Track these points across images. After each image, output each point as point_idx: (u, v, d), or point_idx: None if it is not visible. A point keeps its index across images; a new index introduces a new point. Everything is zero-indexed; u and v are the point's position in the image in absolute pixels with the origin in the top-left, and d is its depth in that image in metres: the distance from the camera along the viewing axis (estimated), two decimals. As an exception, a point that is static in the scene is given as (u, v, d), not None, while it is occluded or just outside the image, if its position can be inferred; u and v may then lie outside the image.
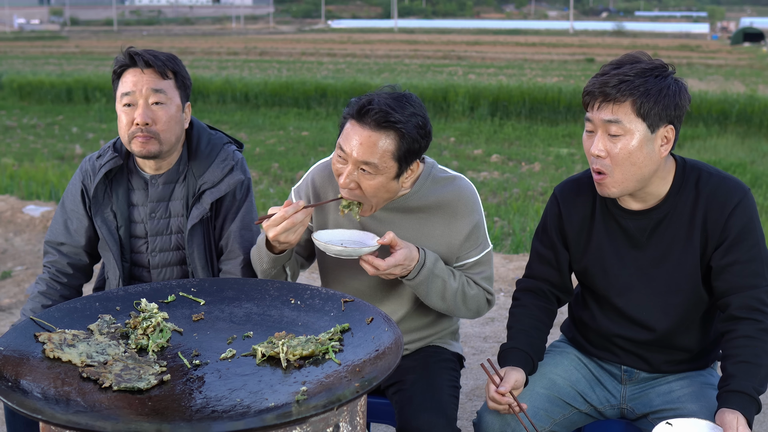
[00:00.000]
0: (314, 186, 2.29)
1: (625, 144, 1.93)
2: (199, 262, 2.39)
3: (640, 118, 1.92)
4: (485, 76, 21.88)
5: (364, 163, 2.03)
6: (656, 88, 1.91)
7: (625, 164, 1.95)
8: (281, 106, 16.54)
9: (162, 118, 2.27)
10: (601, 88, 1.93)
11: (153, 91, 2.26)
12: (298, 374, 1.67)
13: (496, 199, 8.24)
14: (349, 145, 2.04)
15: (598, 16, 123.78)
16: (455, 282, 2.19)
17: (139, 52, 2.29)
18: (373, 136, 2.02)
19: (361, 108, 2.04)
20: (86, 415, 1.48)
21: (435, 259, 2.15)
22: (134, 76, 2.28)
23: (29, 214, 6.61)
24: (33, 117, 15.26)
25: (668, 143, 1.97)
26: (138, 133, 2.26)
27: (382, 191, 2.09)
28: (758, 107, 13.47)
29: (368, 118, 2.02)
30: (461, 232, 2.21)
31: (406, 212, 2.21)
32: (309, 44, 44.06)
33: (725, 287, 1.99)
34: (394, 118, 2.01)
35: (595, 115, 1.95)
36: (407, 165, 2.09)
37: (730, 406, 1.85)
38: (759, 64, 29.09)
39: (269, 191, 8.57)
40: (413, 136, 2.04)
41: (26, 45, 44.01)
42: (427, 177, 2.22)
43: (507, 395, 1.99)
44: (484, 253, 2.27)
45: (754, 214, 2.01)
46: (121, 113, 2.29)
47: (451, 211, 2.21)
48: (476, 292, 2.25)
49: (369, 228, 2.20)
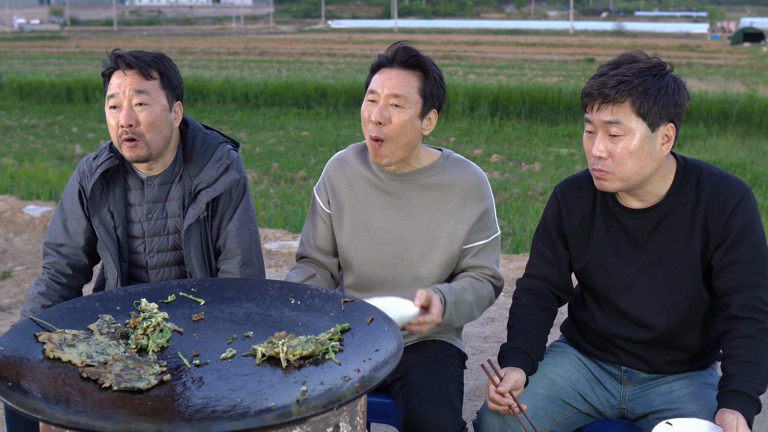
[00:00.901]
0: (329, 179, 2.41)
1: (626, 144, 1.93)
2: (196, 262, 2.39)
3: (640, 117, 1.92)
4: (485, 76, 21.89)
5: (395, 96, 2.19)
6: (655, 87, 1.91)
7: (627, 164, 1.95)
8: (281, 106, 16.55)
9: (146, 119, 2.27)
10: (600, 90, 1.93)
11: (136, 93, 2.26)
12: (298, 374, 1.67)
13: (496, 199, 8.21)
14: (380, 85, 2.21)
15: (598, 16, 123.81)
16: (470, 295, 2.25)
17: (122, 53, 2.29)
18: (402, 73, 2.21)
19: (390, 55, 2.23)
20: (86, 415, 1.48)
21: (448, 288, 2.20)
22: (118, 78, 2.28)
23: (29, 214, 6.61)
24: (33, 117, 15.27)
25: (669, 141, 1.97)
26: (124, 135, 2.26)
27: (408, 128, 2.21)
28: (758, 107, 13.48)
29: (396, 61, 2.22)
30: (473, 214, 2.30)
31: (425, 188, 2.31)
32: (309, 44, 44.08)
33: (726, 286, 1.99)
34: (421, 57, 2.22)
35: (595, 117, 1.96)
36: (431, 106, 2.26)
37: (730, 406, 1.85)
38: (759, 64, 29.11)
39: (269, 191, 8.57)
40: (436, 79, 2.24)
41: (26, 45, 44.05)
42: (447, 158, 2.36)
43: (507, 396, 1.99)
44: (492, 237, 2.34)
45: (755, 214, 2.01)
46: (108, 116, 2.30)
47: (466, 192, 2.31)
48: (487, 291, 2.31)
49: (390, 197, 2.31)
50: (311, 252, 2.41)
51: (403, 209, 2.31)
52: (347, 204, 2.36)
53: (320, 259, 2.40)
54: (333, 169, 2.41)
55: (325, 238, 2.41)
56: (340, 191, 2.37)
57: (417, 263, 2.31)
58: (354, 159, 2.39)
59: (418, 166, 2.32)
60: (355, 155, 2.40)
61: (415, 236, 2.30)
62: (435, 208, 2.30)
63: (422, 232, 2.30)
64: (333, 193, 2.38)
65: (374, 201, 2.33)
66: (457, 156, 2.37)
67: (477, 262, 2.32)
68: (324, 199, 2.40)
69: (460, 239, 2.30)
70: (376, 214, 2.33)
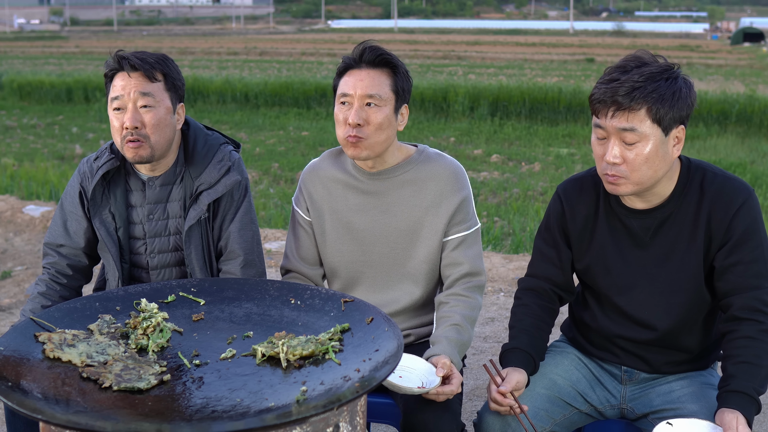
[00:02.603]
0: (306, 187, 2.42)
1: (641, 150, 1.92)
2: (197, 263, 2.39)
3: (656, 123, 1.90)
4: (485, 76, 21.88)
5: (369, 96, 2.21)
6: (669, 92, 1.89)
7: (642, 169, 1.94)
8: (281, 106, 16.54)
9: (150, 122, 2.27)
10: (613, 97, 1.89)
11: (141, 95, 2.26)
12: (298, 374, 1.67)
13: (496, 199, 8.23)
14: (352, 87, 2.22)
15: (598, 16, 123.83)
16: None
17: (127, 55, 2.28)
18: (372, 72, 2.23)
19: (357, 56, 2.24)
20: (86, 415, 1.48)
21: (446, 339, 2.17)
22: (122, 80, 2.27)
23: (29, 214, 6.61)
24: (33, 117, 15.26)
25: (680, 143, 1.97)
26: (129, 137, 2.25)
27: (386, 125, 2.24)
28: (758, 107, 13.47)
29: (364, 61, 2.24)
30: (451, 205, 2.30)
31: (401, 184, 2.32)
32: (309, 44, 44.08)
33: (728, 288, 1.99)
34: (388, 54, 2.25)
35: (609, 123, 1.92)
36: (402, 101, 2.29)
37: (730, 406, 1.85)
38: (759, 64, 29.10)
39: (269, 191, 8.57)
40: (404, 73, 2.28)
41: (26, 45, 44.04)
42: (422, 153, 2.36)
43: (508, 396, 1.99)
44: (472, 230, 2.33)
45: (758, 216, 2.00)
46: (112, 118, 2.29)
47: (442, 184, 2.31)
48: (476, 305, 2.29)
49: (368, 197, 2.32)
50: (295, 264, 2.42)
51: (382, 208, 2.32)
52: (327, 209, 2.37)
53: (304, 270, 2.41)
54: (309, 177, 2.41)
55: (308, 248, 2.41)
56: (318, 198, 2.38)
57: (403, 260, 2.33)
58: (329, 165, 2.40)
59: (394, 162, 2.33)
60: (329, 161, 2.41)
61: (398, 234, 2.32)
62: (413, 204, 2.31)
63: (403, 228, 2.31)
64: (311, 201, 2.39)
65: (353, 203, 2.34)
66: (432, 150, 2.38)
67: (458, 257, 2.30)
68: (303, 207, 2.41)
69: (440, 231, 2.30)
70: (356, 216, 2.34)
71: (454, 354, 2.12)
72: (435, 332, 2.22)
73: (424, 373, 2.03)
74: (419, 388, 1.96)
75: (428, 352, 2.13)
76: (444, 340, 2.15)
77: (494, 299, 4.81)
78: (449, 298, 2.27)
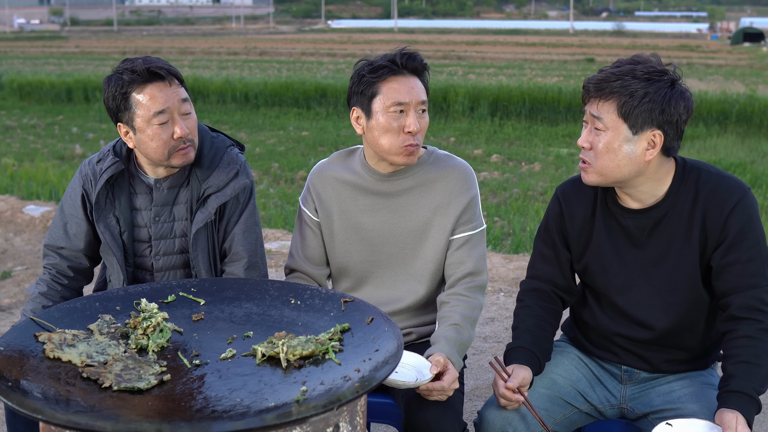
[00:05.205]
0: (314, 188, 2.41)
1: (605, 140, 1.97)
2: (203, 265, 2.39)
3: (622, 118, 1.94)
4: (485, 76, 21.88)
5: (422, 102, 2.26)
6: (642, 92, 1.92)
7: (604, 159, 1.99)
8: (281, 106, 16.54)
9: (192, 126, 2.30)
10: (594, 84, 1.98)
11: (182, 102, 2.27)
12: (298, 374, 1.67)
13: (496, 199, 8.23)
14: (406, 94, 2.23)
15: (598, 16, 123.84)
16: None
17: (155, 67, 2.24)
18: (414, 80, 2.27)
19: (401, 62, 2.24)
20: (86, 415, 1.48)
21: (445, 339, 2.16)
22: (161, 90, 2.23)
23: (29, 214, 6.61)
24: (33, 117, 15.26)
25: (654, 148, 1.97)
26: (180, 145, 2.26)
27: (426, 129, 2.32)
28: (758, 107, 13.46)
29: (407, 68, 2.26)
30: (459, 205, 2.31)
31: (411, 185, 2.34)
32: (309, 44, 44.08)
33: (725, 287, 1.99)
34: (424, 62, 2.30)
35: (586, 108, 2.02)
36: None
37: (730, 406, 1.85)
38: (759, 64, 29.10)
39: (269, 191, 8.58)
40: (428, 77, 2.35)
41: (26, 45, 44.04)
42: (431, 154, 2.38)
43: (516, 393, 2.00)
44: (477, 230, 2.34)
45: (755, 214, 2.00)
46: (156, 132, 2.24)
47: (451, 184, 2.33)
48: (477, 306, 2.28)
49: (377, 198, 2.33)
50: (300, 263, 2.42)
51: (391, 208, 2.33)
52: (336, 210, 2.38)
53: (309, 270, 2.41)
54: (317, 178, 2.42)
55: (314, 248, 2.41)
56: (327, 198, 2.39)
57: (411, 259, 2.34)
58: (338, 166, 2.41)
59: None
60: (338, 162, 2.42)
61: (407, 234, 2.32)
62: (423, 204, 2.32)
63: (412, 228, 2.32)
64: (320, 201, 2.39)
65: (362, 204, 2.35)
66: (441, 152, 2.40)
67: (462, 256, 2.30)
68: (311, 208, 2.41)
69: (448, 231, 2.31)
70: (366, 217, 2.34)
71: (452, 353, 2.12)
72: (435, 332, 2.22)
73: (418, 369, 2.04)
74: (411, 382, 1.97)
75: (427, 352, 2.13)
76: (442, 340, 2.16)
77: (494, 299, 4.81)
78: (450, 297, 2.27)
